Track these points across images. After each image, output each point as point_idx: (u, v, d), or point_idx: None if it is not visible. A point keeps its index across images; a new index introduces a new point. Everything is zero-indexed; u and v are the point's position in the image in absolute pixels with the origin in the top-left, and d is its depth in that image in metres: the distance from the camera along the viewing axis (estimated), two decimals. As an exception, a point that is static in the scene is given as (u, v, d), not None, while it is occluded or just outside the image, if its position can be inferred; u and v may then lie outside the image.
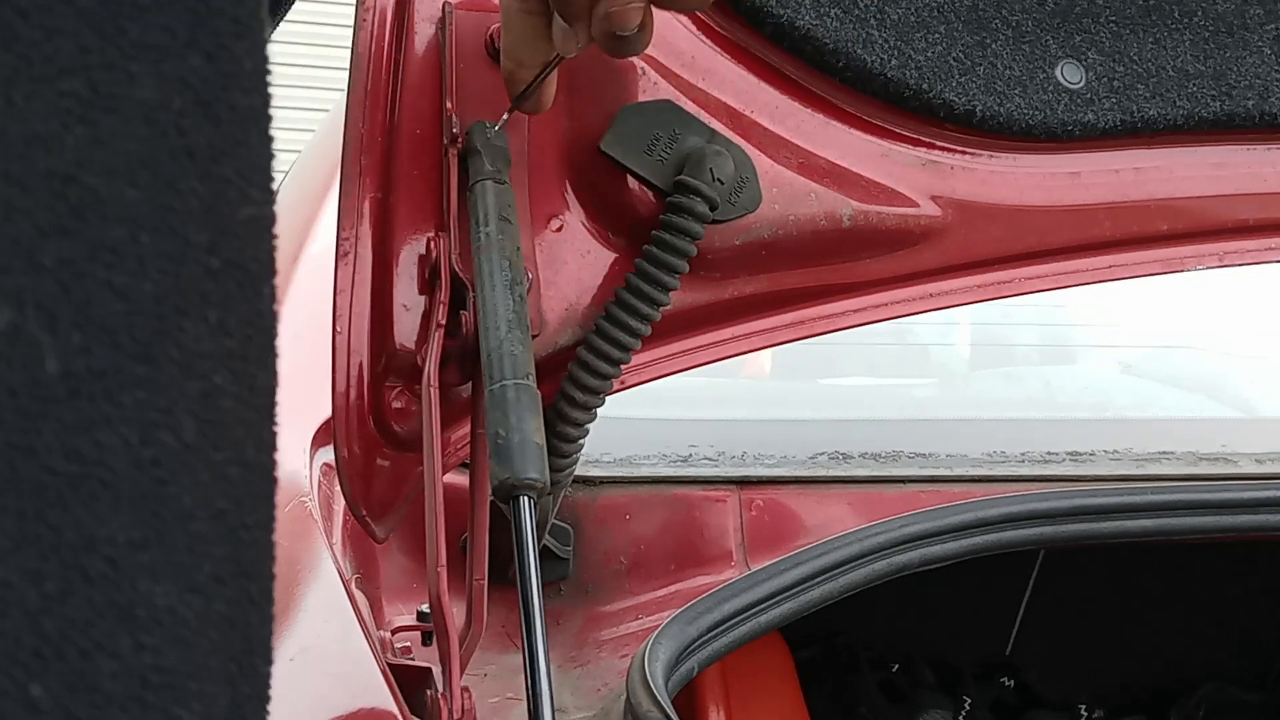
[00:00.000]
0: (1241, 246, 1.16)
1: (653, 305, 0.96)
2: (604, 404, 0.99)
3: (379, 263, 0.91)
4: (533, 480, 0.77)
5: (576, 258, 0.98)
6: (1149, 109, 1.08)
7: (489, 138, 0.90)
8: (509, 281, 0.84)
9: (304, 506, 1.04)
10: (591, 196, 0.98)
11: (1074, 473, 1.48)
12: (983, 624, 1.68)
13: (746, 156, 0.98)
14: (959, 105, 1.03)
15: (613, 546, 1.30)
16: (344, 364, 0.90)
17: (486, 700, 1.05)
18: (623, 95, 0.97)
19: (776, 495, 1.36)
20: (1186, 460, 1.57)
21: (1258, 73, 1.11)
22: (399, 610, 1.14)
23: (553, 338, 0.96)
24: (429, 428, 0.85)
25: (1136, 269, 1.14)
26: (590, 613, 1.26)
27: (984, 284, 1.10)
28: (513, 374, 0.80)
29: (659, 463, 1.38)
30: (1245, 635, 1.73)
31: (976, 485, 1.41)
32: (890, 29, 1.02)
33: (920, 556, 1.23)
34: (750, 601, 1.12)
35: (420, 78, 0.92)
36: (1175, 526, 1.36)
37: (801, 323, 1.06)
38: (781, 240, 1.01)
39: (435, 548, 0.82)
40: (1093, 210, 1.10)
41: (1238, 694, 1.69)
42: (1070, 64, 1.07)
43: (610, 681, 1.09)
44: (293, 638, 0.89)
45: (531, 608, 0.77)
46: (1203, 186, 1.13)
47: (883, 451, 1.48)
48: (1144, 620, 1.71)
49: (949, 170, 1.06)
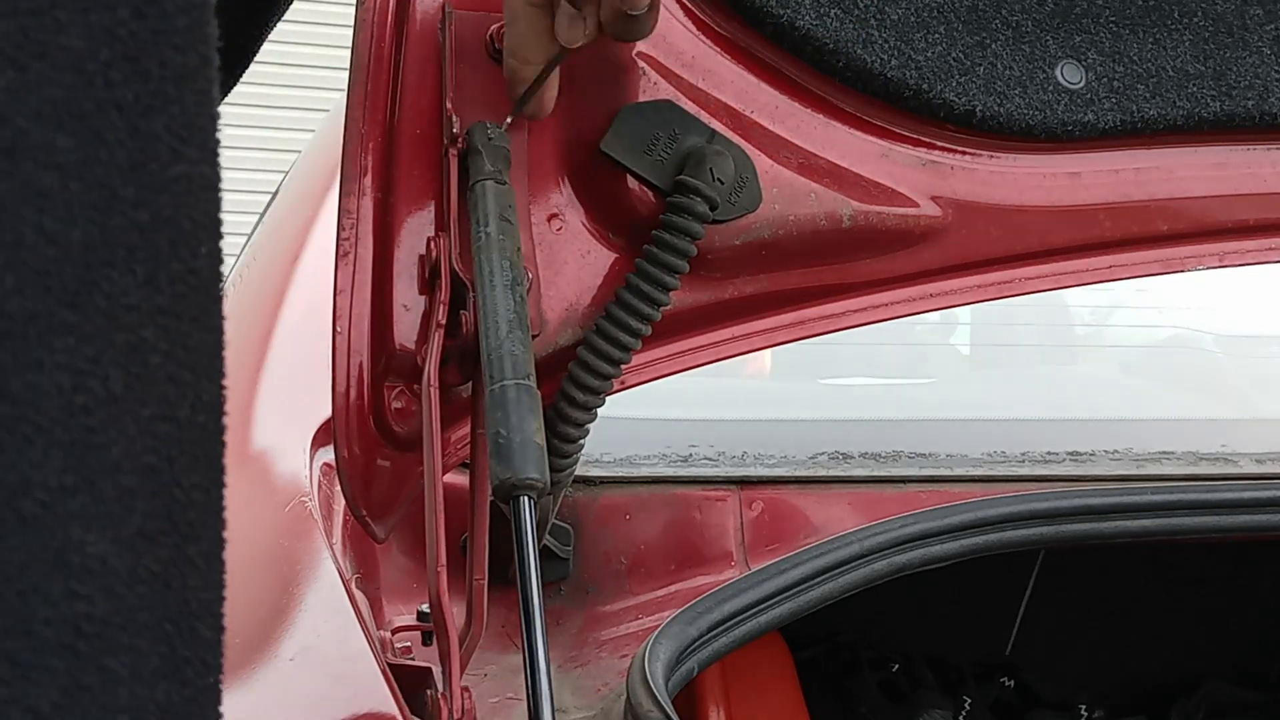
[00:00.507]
0: (1241, 246, 1.16)
1: (653, 305, 0.96)
2: (604, 404, 0.99)
3: (379, 263, 0.91)
4: (533, 480, 0.77)
5: (577, 258, 0.98)
6: (1149, 109, 1.08)
7: (489, 138, 0.90)
8: (509, 281, 0.84)
9: (304, 506, 1.04)
10: (592, 196, 0.98)
11: (1074, 473, 1.48)
12: (983, 624, 1.68)
13: (746, 156, 0.98)
14: (959, 105, 1.03)
15: (613, 546, 1.30)
16: (344, 364, 0.90)
17: (486, 700, 1.05)
18: (623, 95, 0.97)
19: (777, 495, 1.36)
20: (1187, 460, 1.57)
21: (1257, 73, 1.11)
22: (399, 610, 1.14)
23: (553, 338, 0.96)
24: (429, 428, 0.85)
25: (1136, 269, 1.14)
26: (590, 613, 1.26)
27: (984, 284, 1.10)
28: (513, 374, 0.80)
29: (659, 463, 1.38)
30: (1245, 635, 1.73)
31: (977, 485, 1.41)
32: (890, 29, 1.02)
33: (920, 556, 1.23)
34: (750, 601, 1.12)
35: (420, 78, 0.92)
36: (1175, 526, 1.36)
37: (801, 323, 1.06)
38: (782, 240, 1.01)
39: (435, 548, 0.82)
40: (1093, 210, 1.10)
41: (1238, 694, 1.69)
42: (1070, 64, 1.07)
43: (610, 681, 1.09)
44: (293, 637, 0.89)
45: (532, 607, 0.77)
46: (1203, 187, 1.13)
47: (883, 451, 1.48)
48: (1144, 620, 1.71)
49: (949, 170, 1.06)
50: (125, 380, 0.38)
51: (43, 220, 0.36)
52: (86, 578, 0.37)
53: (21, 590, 0.36)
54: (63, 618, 0.36)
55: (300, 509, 1.03)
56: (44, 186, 0.36)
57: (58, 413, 0.36)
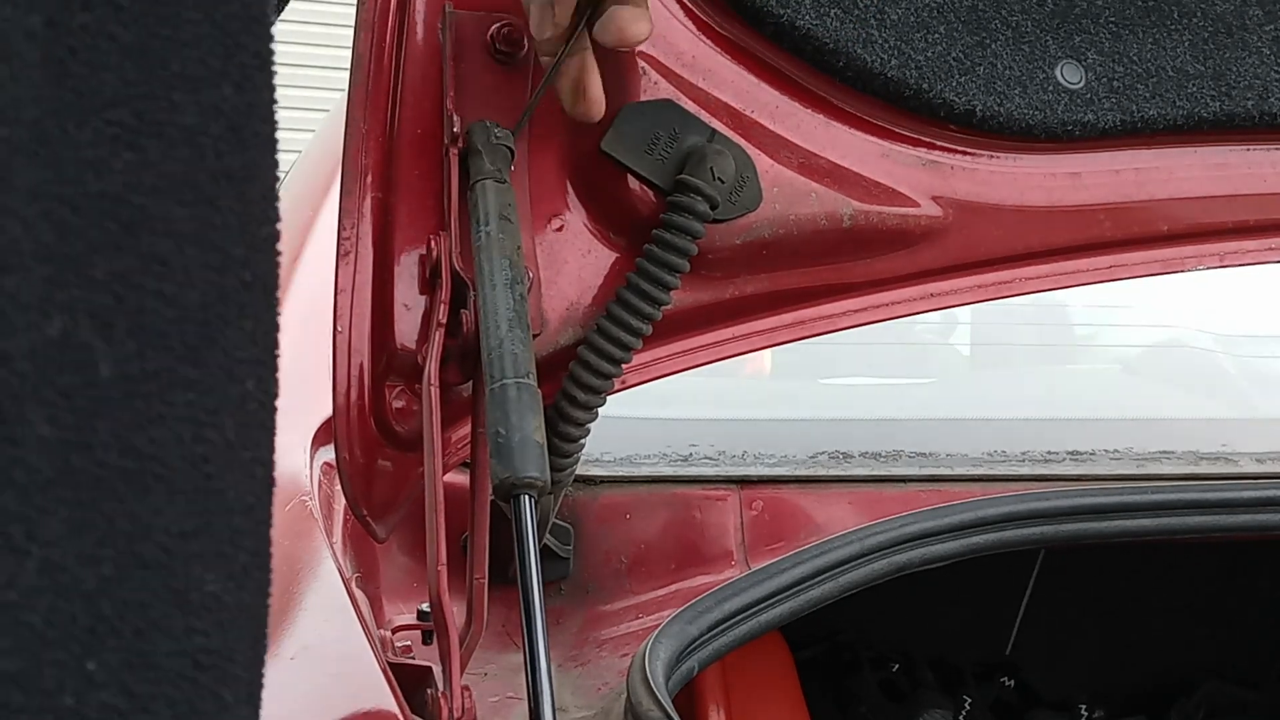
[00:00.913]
0: (1242, 247, 1.16)
1: (654, 304, 0.96)
2: (605, 403, 0.99)
3: (380, 262, 0.91)
4: (533, 479, 0.77)
5: (578, 257, 0.98)
6: (1149, 109, 1.08)
7: (490, 137, 0.90)
8: (509, 280, 0.84)
9: (304, 506, 1.04)
10: (592, 196, 0.98)
11: (1074, 472, 1.48)
12: (983, 624, 1.68)
13: (747, 156, 0.98)
14: (959, 105, 1.04)
15: (613, 546, 1.30)
16: (345, 363, 0.90)
17: (487, 699, 1.05)
18: (623, 95, 0.97)
19: (777, 494, 1.36)
20: (1187, 460, 1.57)
21: (1257, 73, 1.11)
22: (399, 609, 1.14)
23: (554, 337, 0.96)
24: (430, 427, 0.85)
25: (1137, 269, 1.14)
26: (591, 612, 1.26)
27: (984, 284, 1.10)
28: (514, 373, 0.80)
29: (659, 462, 1.38)
30: (1245, 635, 1.73)
31: (977, 485, 1.41)
32: (890, 29, 1.02)
33: (920, 556, 1.23)
34: (750, 601, 1.12)
35: (420, 78, 0.92)
36: (1175, 526, 1.36)
37: (802, 323, 1.06)
38: (782, 240, 1.01)
39: (436, 547, 0.82)
40: (1093, 210, 1.10)
41: (1238, 694, 1.69)
42: (1070, 64, 1.07)
43: (611, 681, 1.09)
44: (293, 636, 0.89)
45: (532, 607, 0.77)
46: (1203, 187, 1.13)
47: (883, 451, 1.48)
48: (1144, 620, 1.71)
49: (949, 170, 1.06)
50: (236, 428, 0.40)
51: (162, 286, 0.38)
52: (204, 614, 0.39)
53: (141, 628, 0.37)
54: (183, 651, 0.39)
55: (301, 508, 1.03)
56: (162, 255, 0.38)
57: (179, 462, 0.38)
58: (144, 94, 0.37)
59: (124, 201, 0.37)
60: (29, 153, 0.35)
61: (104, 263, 0.37)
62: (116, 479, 0.37)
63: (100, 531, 0.37)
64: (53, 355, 0.36)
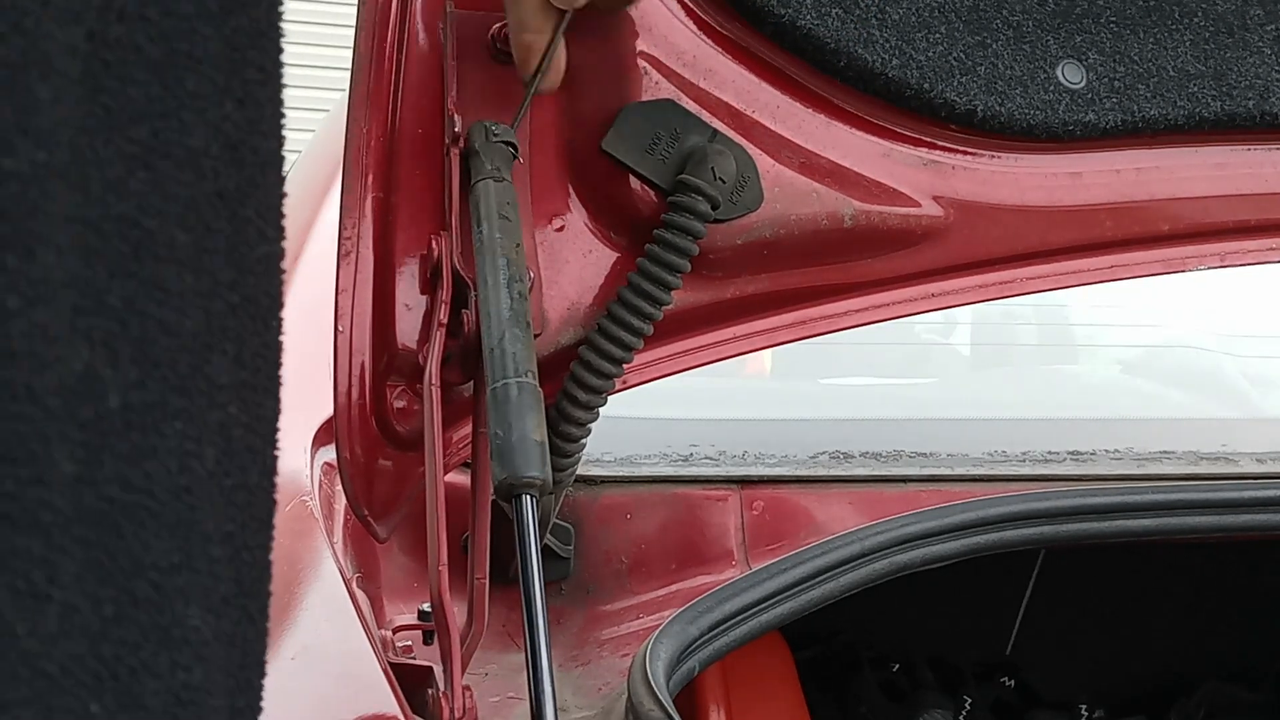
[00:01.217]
0: (1242, 247, 1.16)
1: (655, 304, 0.96)
2: (606, 403, 0.99)
3: (381, 262, 0.91)
4: (534, 479, 0.77)
5: (579, 257, 0.98)
6: (1150, 109, 1.08)
7: (490, 137, 0.90)
8: (510, 280, 0.84)
9: (305, 506, 1.04)
10: (593, 196, 0.98)
11: (1075, 472, 1.48)
12: (983, 624, 1.68)
13: (748, 156, 0.98)
14: (960, 105, 1.03)
15: (614, 546, 1.30)
16: (346, 363, 0.90)
17: (488, 699, 1.05)
18: (624, 95, 0.97)
19: (778, 495, 1.36)
20: (1187, 460, 1.57)
21: (1258, 73, 1.11)
22: (400, 609, 1.14)
23: (555, 337, 0.96)
24: (430, 427, 0.85)
25: (1137, 269, 1.14)
26: (591, 612, 1.26)
27: (985, 284, 1.10)
28: (514, 372, 0.80)
29: (660, 462, 1.38)
30: (1245, 635, 1.73)
31: (977, 485, 1.41)
32: (891, 29, 1.02)
33: (921, 556, 1.23)
34: (751, 601, 1.12)
35: (421, 78, 0.92)
36: (1176, 526, 1.36)
37: (803, 323, 1.06)
38: (783, 240, 1.01)
39: (436, 547, 0.82)
40: (1094, 210, 1.10)
41: (1238, 694, 1.69)
42: (1071, 64, 1.07)
43: (611, 681, 1.09)
44: (294, 637, 0.89)
45: (533, 606, 0.77)
46: (1204, 187, 1.13)
47: (884, 451, 1.48)
48: (1144, 620, 1.71)
49: (950, 170, 1.06)
50: (216, 456, 0.39)
51: (163, 314, 0.37)
52: (185, 649, 0.38)
53: (134, 669, 0.37)
54: (168, 689, 0.38)
55: (301, 508, 1.03)
56: (163, 280, 0.37)
57: (167, 495, 0.37)
58: (162, 111, 0.36)
59: (136, 224, 0.36)
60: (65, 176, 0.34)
61: (118, 289, 0.36)
62: (118, 515, 0.36)
63: (104, 570, 0.36)
64: (78, 389, 0.35)
